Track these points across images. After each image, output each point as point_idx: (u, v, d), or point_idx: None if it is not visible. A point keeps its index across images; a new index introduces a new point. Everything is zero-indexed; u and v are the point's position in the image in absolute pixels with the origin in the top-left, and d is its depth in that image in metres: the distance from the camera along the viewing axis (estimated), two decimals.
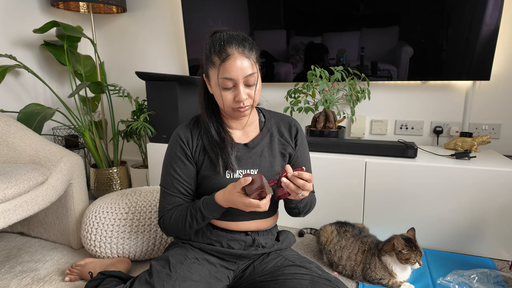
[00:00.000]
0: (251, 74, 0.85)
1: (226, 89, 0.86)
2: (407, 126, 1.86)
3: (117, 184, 2.09)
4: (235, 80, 0.84)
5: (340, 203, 1.55)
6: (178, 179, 0.97)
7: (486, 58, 1.58)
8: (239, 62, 0.83)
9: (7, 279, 1.27)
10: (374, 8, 1.69)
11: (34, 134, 1.49)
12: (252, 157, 0.98)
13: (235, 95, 0.86)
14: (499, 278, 1.19)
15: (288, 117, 1.07)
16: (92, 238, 1.33)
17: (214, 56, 0.85)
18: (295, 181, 0.80)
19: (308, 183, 0.80)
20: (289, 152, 1.03)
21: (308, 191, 0.82)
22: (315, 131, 1.72)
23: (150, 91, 1.80)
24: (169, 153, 0.99)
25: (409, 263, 1.13)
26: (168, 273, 0.89)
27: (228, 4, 1.92)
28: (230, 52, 0.83)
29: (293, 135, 1.04)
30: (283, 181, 0.80)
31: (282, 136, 1.03)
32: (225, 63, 0.83)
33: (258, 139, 0.99)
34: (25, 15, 1.94)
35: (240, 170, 0.96)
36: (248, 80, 0.85)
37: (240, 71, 0.83)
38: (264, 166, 0.98)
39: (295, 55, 1.89)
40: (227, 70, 0.83)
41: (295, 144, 1.04)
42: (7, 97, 1.87)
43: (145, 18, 2.22)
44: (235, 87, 0.86)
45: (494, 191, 1.33)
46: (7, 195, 1.15)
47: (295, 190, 0.80)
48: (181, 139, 0.97)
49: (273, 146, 1.01)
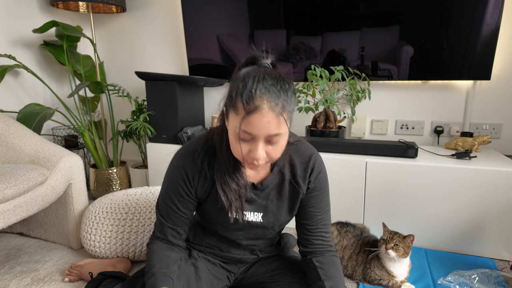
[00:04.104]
0: (277, 134, 0.71)
1: (243, 140, 0.73)
2: (408, 126, 1.86)
3: (117, 184, 2.08)
4: (256, 136, 0.70)
5: (340, 203, 1.55)
6: (176, 211, 0.88)
7: (487, 57, 1.58)
8: (267, 120, 0.68)
9: (6, 279, 1.26)
10: (375, 8, 1.69)
11: (34, 134, 1.48)
12: (259, 200, 0.88)
13: (251, 149, 0.73)
14: (499, 278, 1.19)
15: (309, 151, 0.89)
16: (92, 239, 1.32)
17: (239, 101, 0.69)
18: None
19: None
20: (301, 197, 0.89)
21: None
22: (315, 131, 1.72)
23: (150, 91, 1.80)
24: (171, 182, 0.87)
25: (386, 246, 1.13)
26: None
27: (228, 4, 1.91)
28: (260, 105, 0.67)
29: (307, 176, 0.87)
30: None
31: (295, 177, 0.87)
32: (250, 117, 0.68)
33: (268, 181, 0.86)
34: (24, 14, 1.94)
35: (245, 211, 0.87)
36: (271, 139, 0.71)
37: (265, 130, 0.69)
38: (270, 211, 0.89)
39: (295, 55, 1.89)
40: (250, 125, 0.69)
41: (308, 187, 0.88)
42: (7, 97, 1.87)
43: (145, 17, 2.22)
44: (253, 140, 0.72)
45: (495, 191, 1.32)
46: (6, 196, 1.14)
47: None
48: (186, 174, 0.85)
49: (282, 190, 0.88)
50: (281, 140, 0.73)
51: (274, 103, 0.68)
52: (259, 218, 0.89)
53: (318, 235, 0.90)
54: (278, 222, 0.90)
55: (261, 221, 0.89)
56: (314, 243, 0.90)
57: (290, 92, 0.72)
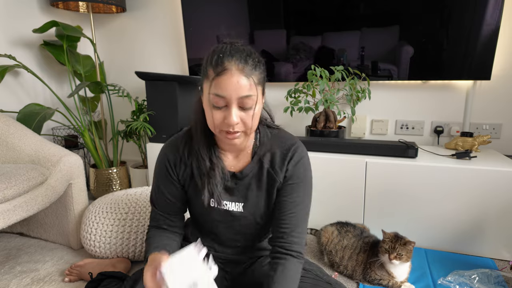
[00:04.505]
0: (248, 96, 0.72)
1: (216, 108, 0.74)
2: (408, 126, 1.86)
3: (117, 184, 2.08)
4: (228, 99, 0.72)
5: (340, 203, 1.55)
6: (165, 198, 0.91)
7: (487, 57, 1.58)
8: (236, 80, 0.71)
9: (6, 279, 1.26)
10: (375, 8, 1.69)
11: (34, 134, 1.48)
12: (239, 189, 0.88)
13: (226, 116, 0.74)
14: (499, 278, 1.19)
15: (291, 140, 0.87)
16: (92, 239, 1.32)
17: (210, 67, 0.74)
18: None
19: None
20: (277, 186, 0.87)
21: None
22: (315, 131, 1.72)
23: (150, 91, 1.80)
24: (158, 172, 0.91)
25: (389, 257, 1.13)
26: None
27: (228, 4, 1.91)
28: (228, 66, 0.71)
29: (286, 163, 0.85)
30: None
31: (273, 167, 0.86)
32: (219, 77, 0.71)
33: (247, 169, 0.86)
34: (24, 14, 1.94)
35: (226, 201, 0.88)
36: (243, 102, 0.73)
37: (235, 90, 0.71)
38: (251, 200, 0.88)
39: (295, 55, 1.89)
40: (220, 86, 0.72)
41: (285, 175, 0.85)
42: (7, 97, 1.87)
43: (145, 17, 2.21)
44: (227, 107, 0.74)
45: (495, 191, 1.32)
46: (6, 196, 1.14)
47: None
48: (168, 161, 0.88)
49: (261, 179, 0.87)
50: (255, 105, 0.75)
51: (242, 64, 0.72)
52: (240, 208, 0.89)
53: (285, 226, 0.84)
54: (259, 212, 0.89)
55: (241, 211, 0.89)
56: (278, 237, 0.84)
57: (258, 60, 0.75)
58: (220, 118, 0.75)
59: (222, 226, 0.92)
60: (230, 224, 0.92)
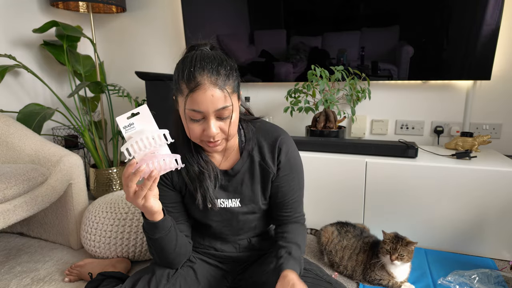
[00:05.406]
0: (224, 107, 0.73)
1: (194, 121, 0.75)
2: (408, 126, 1.86)
3: (117, 184, 2.08)
4: (205, 113, 0.73)
5: (340, 203, 1.55)
6: (167, 206, 0.90)
7: (487, 57, 1.58)
8: (210, 94, 0.71)
9: (6, 279, 1.26)
10: (375, 8, 1.69)
11: (34, 134, 1.48)
12: (233, 185, 0.90)
13: (204, 128, 0.75)
14: (499, 278, 1.19)
15: (276, 132, 0.90)
16: (92, 239, 1.32)
17: (182, 82, 0.73)
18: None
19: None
20: (272, 179, 0.90)
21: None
22: (315, 131, 1.72)
23: (150, 91, 1.80)
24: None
25: (391, 258, 1.13)
26: (170, 272, 0.91)
27: (228, 4, 1.91)
28: (201, 81, 0.70)
29: (276, 156, 0.88)
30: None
31: (264, 159, 0.88)
32: (193, 93, 0.71)
33: (239, 165, 0.88)
34: (24, 15, 1.94)
35: (222, 199, 0.90)
36: (220, 113, 0.73)
37: (211, 104, 0.71)
38: (246, 195, 0.90)
39: (295, 55, 1.89)
40: (196, 102, 0.71)
41: (278, 167, 0.89)
42: (7, 97, 1.87)
43: (145, 17, 2.21)
44: (205, 119, 0.74)
45: (495, 191, 1.32)
46: (6, 196, 1.14)
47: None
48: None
49: (255, 173, 0.89)
50: (232, 114, 0.75)
51: (214, 77, 0.71)
52: (237, 203, 0.91)
53: (288, 209, 0.92)
54: (257, 205, 0.91)
55: (239, 206, 0.91)
56: (283, 215, 0.93)
57: (229, 67, 0.74)
58: (199, 130, 0.76)
59: (222, 225, 0.94)
60: (229, 222, 0.93)
